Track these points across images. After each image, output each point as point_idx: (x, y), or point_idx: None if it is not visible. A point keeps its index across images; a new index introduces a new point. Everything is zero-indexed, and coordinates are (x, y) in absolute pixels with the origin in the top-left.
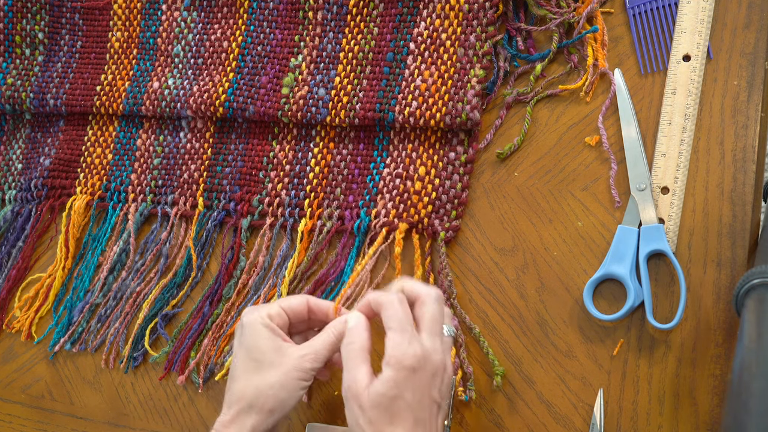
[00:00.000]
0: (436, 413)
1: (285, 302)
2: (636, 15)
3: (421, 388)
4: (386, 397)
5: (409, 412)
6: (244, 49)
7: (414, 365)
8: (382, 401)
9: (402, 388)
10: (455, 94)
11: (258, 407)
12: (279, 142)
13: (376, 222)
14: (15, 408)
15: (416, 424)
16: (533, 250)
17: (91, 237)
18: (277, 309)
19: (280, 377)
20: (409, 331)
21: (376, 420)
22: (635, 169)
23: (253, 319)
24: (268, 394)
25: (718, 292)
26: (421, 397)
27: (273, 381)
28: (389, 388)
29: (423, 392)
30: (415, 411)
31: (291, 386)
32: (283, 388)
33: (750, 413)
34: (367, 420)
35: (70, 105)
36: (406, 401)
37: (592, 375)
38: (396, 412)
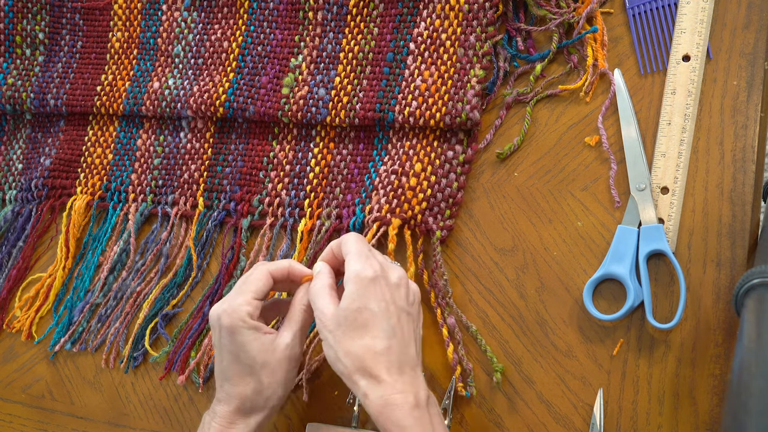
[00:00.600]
0: (408, 321)
1: (251, 287)
2: (636, 15)
3: (385, 296)
4: (351, 310)
5: (377, 321)
6: (244, 49)
7: (372, 275)
8: (348, 315)
9: (365, 298)
10: (455, 94)
11: (261, 406)
12: (279, 142)
13: (369, 217)
14: (15, 408)
15: (388, 332)
16: (533, 250)
17: (91, 237)
18: (249, 301)
19: (276, 375)
20: (365, 252)
21: (346, 335)
22: (635, 169)
23: (233, 324)
24: (268, 394)
25: (718, 292)
26: (387, 305)
27: (271, 381)
28: (352, 301)
29: (388, 300)
30: (384, 319)
31: (288, 379)
32: (281, 384)
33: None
34: (337, 340)
35: (71, 105)
36: (372, 311)
37: (592, 375)
38: (364, 322)
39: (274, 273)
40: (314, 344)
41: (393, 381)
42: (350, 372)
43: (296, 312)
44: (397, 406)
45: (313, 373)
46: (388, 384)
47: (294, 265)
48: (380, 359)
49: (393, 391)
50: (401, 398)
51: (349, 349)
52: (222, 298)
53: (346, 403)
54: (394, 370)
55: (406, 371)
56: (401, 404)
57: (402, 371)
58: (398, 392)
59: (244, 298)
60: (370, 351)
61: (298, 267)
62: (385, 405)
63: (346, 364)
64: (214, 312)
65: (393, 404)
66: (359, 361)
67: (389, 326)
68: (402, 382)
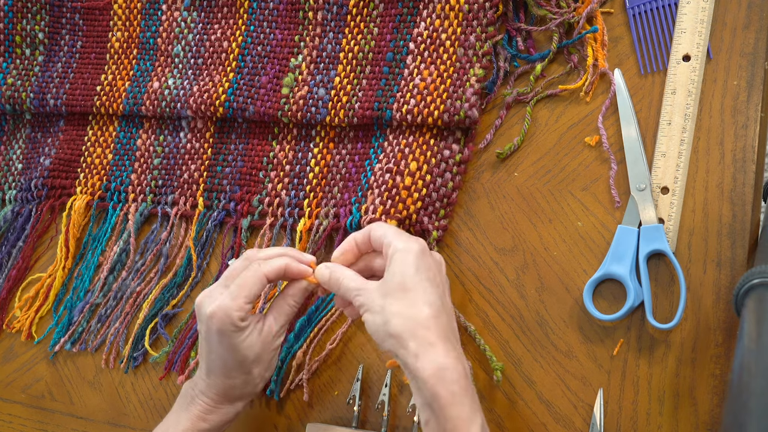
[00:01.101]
0: (449, 298)
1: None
2: (636, 15)
3: (432, 268)
4: (402, 275)
5: (427, 289)
6: (244, 49)
7: (420, 249)
8: (399, 281)
9: (415, 267)
10: (454, 92)
11: (248, 393)
12: (279, 142)
13: (364, 219)
14: (15, 408)
15: (437, 301)
16: (533, 250)
17: (91, 237)
18: (241, 305)
19: (263, 364)
20: (405, 233)
21: (397, 300)
22: (635, 169)
23: (224, 328)
24: (257, 383)
25: (718, 292)
26: (434, 276)
27: (260, 371)
28: (405, 266)
29: (435, 272)
30: (433, 288)
31: (271, 365)
32: (267, 370)
33: (750, 413)
34: (385, 307)
35: (70, 105)
36: (422, 279)
37: (592, 375)
38: (414, 288)
39: (269, 275)
40: (314, 344)
41: (446, 348)
42: (400, 333)
43: (286, 305)
44: (449, 371)
45: (313, 373)
46: (440, 348)
47: (291, 265)
48: (432, 323)
49: (445, 356)
50: (452, 364)
51: (400, 310)
52: (210, 287)
53: (346, 403)
54: (444, 338)
55: (453, 341)
56: (453, 369)
57: (450, 340)
58: (450, 358)
59: (237, 303)
60: (422, 313)
61: (295, 267)
62: (439, 369)
63: (396, 326)
64: (202, 307)
65: (446, 368)
66: (411, 322)
67: (437, 296)
68: (452, 350)
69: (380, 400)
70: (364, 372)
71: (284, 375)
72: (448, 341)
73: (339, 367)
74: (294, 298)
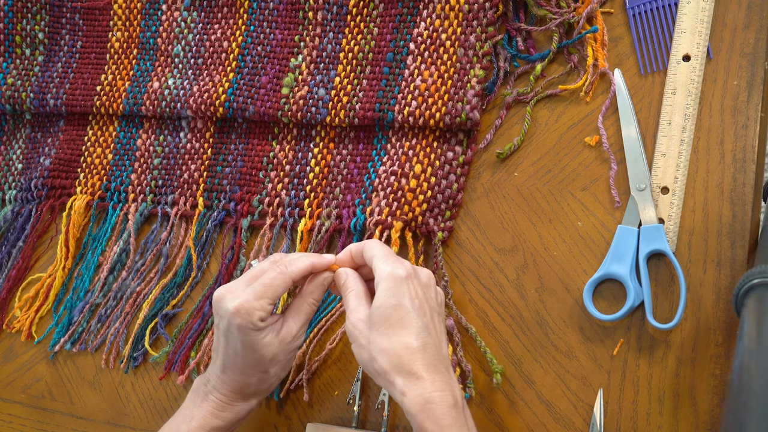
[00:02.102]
0: (439, 321)
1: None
2: (636, 15)
3: (418, 294)
4: (386, 308)
5: (412, 318)
6: (244, 49)
7: (405, 274)
8: (383, 313)
9: (399, 296)
10: (455, 94)
11: (263, 390)
12: (279, 142)
13: (370, 220)
14: (15, 408)
15: (423, 329)
16: (533, 250)
17: (91, 237)
18: (262, 305)
19: (280, 364)
20: (393, 254)
21: (381, 334)
22: (635, 169)
23: (245, 326)
24: (272, 381)
25: (718, 292)
26: (420, 303)
27: (276, 370)
28: (387, 298)
29: (422, 298)
30: (419, 317)
31: (289, 364)
32: (283, 369)
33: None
34: (371, 340)
35: (70, 105)
36: (407, 308)
37: (592, 375)
38: (399, 320)
39: (296, 276)
40: (314, 344)
41: (431, 379)
42: (386, 371)
43: (306, 304)
44: (437, 404)
45: (313, 373)
46: (426, 381)
47: (315, 263)
48: (417, 356)
49: (432, 389)
50: (440, 396)
51: (385, 347)
52: (231, 283)
53: (346, 403)
54: (432, 368)
55: (441, 370)
56: (440, 402)
57: (438, 369)
58: (437, 390)
59: (260, 303)
60: (407, 348)
61: (319, 262)
62: (425, 403)
63: (382, 363)
64: (226, 303)
65: (432, 402)
66: (396, 359)
67: (424, 324)
68: (440, 380)
69: (380, 400)
70: (364, 372)
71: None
72: (435, 371)
73: (339, 367)
74: (313, 296)
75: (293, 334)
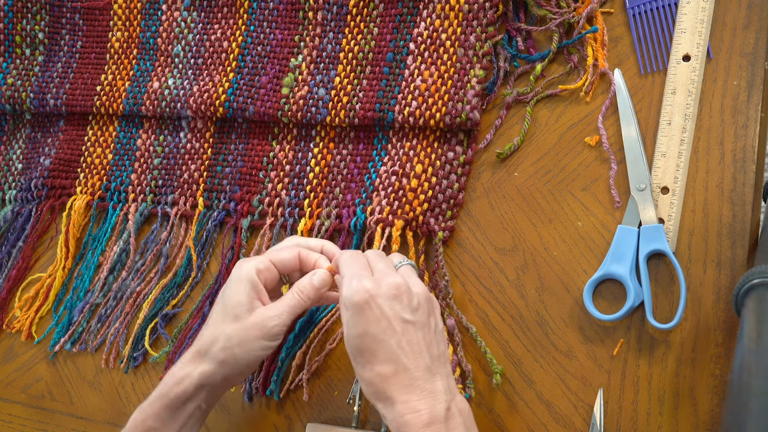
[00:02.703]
0: (414, 332)
1: (276, 255)
2: (636, 15)
3: (381, 315)
4: (353, 338)
5: (379, 344)
6: (244, 49)
7: (361, 300)
8: (353, 344)
9: (361, 324)
10: (455, 94)
11: (211, 355)
12: (279, 142)
13: (371, 219)
14: (15, 408)
15: (393, 353)
16: (533, 250)
17: (91, 237)
18: (267, 263)
19: (239, 331)
20: (357, 272)
21: (358, 365)
22: (635, 169)
23: (240, 273)
24: (223, 345)
25: (718, 292)
26: (386, 325)
27: (231, 333)
28: (350, 329)
29: (387, 318)
30: (386, 340)
31: (248, 344)
32: (240, 343)
33: (750, 413)
34: (356, 369)
35: (70, 105)
36: (372, 335)
37: (592, 375)
38: (368, 349)
39: (303, 254)
40: (314, 345)
41: (404, 401)
42: (369, 397)
43: (291, 293)
44: (410, 426)
45: (313, 373)
46: (400, 404)
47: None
48: (390, 382)
49: (405, 411)
50: (412, 418)
51: (363, 376)
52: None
53: (346, 403)
54: (406, 389)
55: (418, 386)
56: (413, 423)
57: (413, 388)
58: (410, 412)
59: (262, 259)
60: (379, 377)
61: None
62: (399, 426)
63: (366, 391)
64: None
65: (405, 425)
66: (373, 387)
67: (393, 346)
68: (415, 400)
69: None
70: None
71: (284, 375)
72: (410, 391)
73: (339, 367)
74: (299, 287)
75: (269, 314)
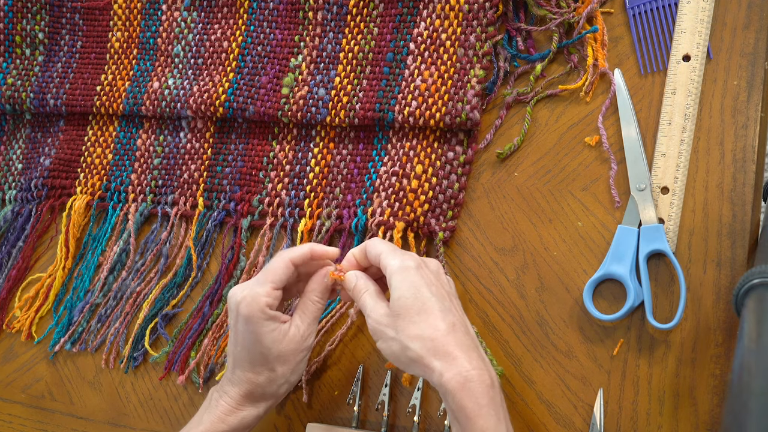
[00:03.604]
0: (458, 305)
1: (272, 276)
2: (636, 15)
3: (432, 281)
4: (406, 298)
5: (433, 303)
6: (244, 49)
7: (415, 264)
8: (404, 303)
9: (416, 285)
10: (455, 94)
11: (271, 394)
12: (279, 142)
13: (372, 221)
14: (15, 408)
15: (446, 312)
16: (533, 250)
17: (91, 237)
18: (269, 291)
19: (288, 365)
20: (399, 249)
21: (409, 322)
22: (635, 169)
23: (251, 314)
24: (281, 383)
25: (718, 292)
26: (437, 289)
27: (284, 370)
28: (405, 289)
29: (437, 284)
30: (439, 301)
31: (298, 368)
32: (293, 373)
33: (750, 413)
34: (400, 330)
35: (70, 105)
36: (425, 295)
37: (592, 375)
38: (422, 306)
39: (295, 259)
40: (314, 345)
41: (468, 358)
42: (422, 356)
43: (309, 302)
44: (476, 383)
45: (312, 374)
46: (463, 360)
47: (315, 246)
48: (449, 338)
49: (470, 368)
50: (478, 375)
51: (416, 333)
52: (243, 283)
53: (346, 403)
54: (465, 347)
55: (474, 348)
56: (478, 381)
57: (471, 349)
58: (475, 369)
59: (264, 289)
60: (437, 331)
61: (319, 247)
62: (465, 381)
63: (416, 349)
64: (233, 297)
65: (472, 380)
66: (430, 342)
67: (445, 307)
68: (476, 358)
69: (380, 400)
70: (364, 372)
71: None
72: (470, 350)
73: (339, 368)
74: (315, 294)
75: (301, 333)
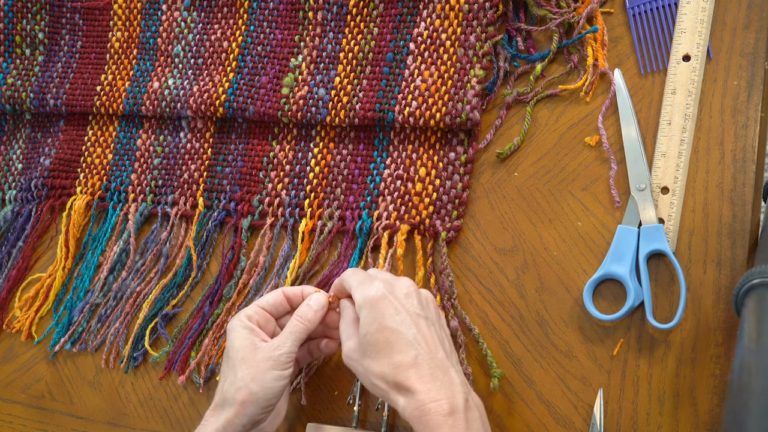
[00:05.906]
0: (428, 326)
1: (261, 300)
2: (636, 15)
3: (398, 309)
4: (370, 334)
5: (397, 335)
6: (244, 49)
7: (377, 294)
8: (369, 339)
9: (379, 318)
10: (455, 95)
11: (230, 400)
12: (279, 142)
13: (378, 224)
14: (15, 408)
15: (411, 342)
16: (533, 250)
17: (91, 237)
18: (254, 308)
19: (250, 368)
20: (366, 278)
21: (373, 360)
22: (635, 169)
23: (233, 324)
24: (239, 386)
25: (718, 292)
26: (402, 317)
27: (243, 374)
28: (368, 324)
29: (402, 312)
30: (404, 331)
31: (261, 377)
32: (254, 379)
33: (750, 412)
34: (366, 367)
35: (70, 105)
36: (390, 327)
37: (592, 375)
38: (386, 341)
39: (287, 291)
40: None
41: (426, 389)
42: (386, 392)
43: (293, 320)
44: (432, 415)
45: (312, 374)
46: (421, 393)
47: (305, 288)
48: (410, 372)
49: (427, 400)
50: (435, 406)
51: (379, 371)
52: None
53: (346, 403)
54: (426, 378)
55: (438, 377)
56: (435, 412)
57: (434, 377)
58: (432, 400)
59: (252, 307)
60: (398, 367)
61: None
62: (422, 414)
63: (381, 386)
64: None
65: (428, 413)
66: (391, 378)
67: (411, 336)
68: (435, 389)
69: (380, 400)
70: None
71: None
72: (431, 380)
73: (339, 367)
74: (299, 312)
75: (272, 343)
